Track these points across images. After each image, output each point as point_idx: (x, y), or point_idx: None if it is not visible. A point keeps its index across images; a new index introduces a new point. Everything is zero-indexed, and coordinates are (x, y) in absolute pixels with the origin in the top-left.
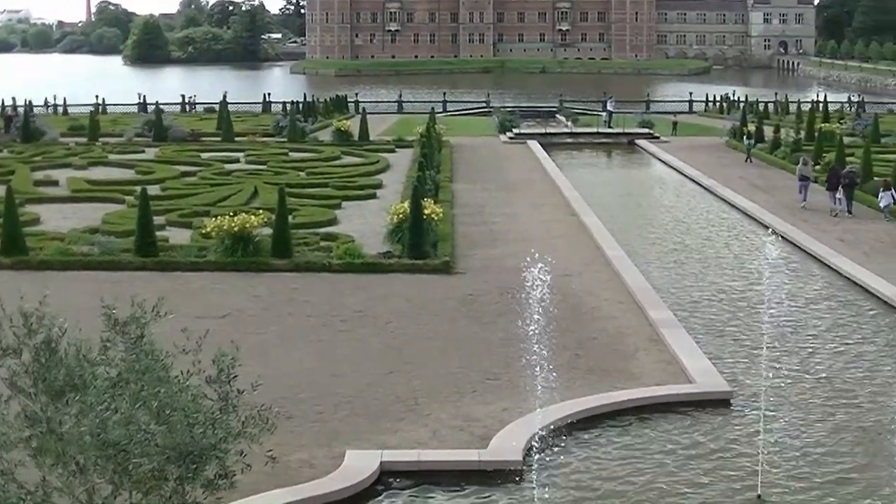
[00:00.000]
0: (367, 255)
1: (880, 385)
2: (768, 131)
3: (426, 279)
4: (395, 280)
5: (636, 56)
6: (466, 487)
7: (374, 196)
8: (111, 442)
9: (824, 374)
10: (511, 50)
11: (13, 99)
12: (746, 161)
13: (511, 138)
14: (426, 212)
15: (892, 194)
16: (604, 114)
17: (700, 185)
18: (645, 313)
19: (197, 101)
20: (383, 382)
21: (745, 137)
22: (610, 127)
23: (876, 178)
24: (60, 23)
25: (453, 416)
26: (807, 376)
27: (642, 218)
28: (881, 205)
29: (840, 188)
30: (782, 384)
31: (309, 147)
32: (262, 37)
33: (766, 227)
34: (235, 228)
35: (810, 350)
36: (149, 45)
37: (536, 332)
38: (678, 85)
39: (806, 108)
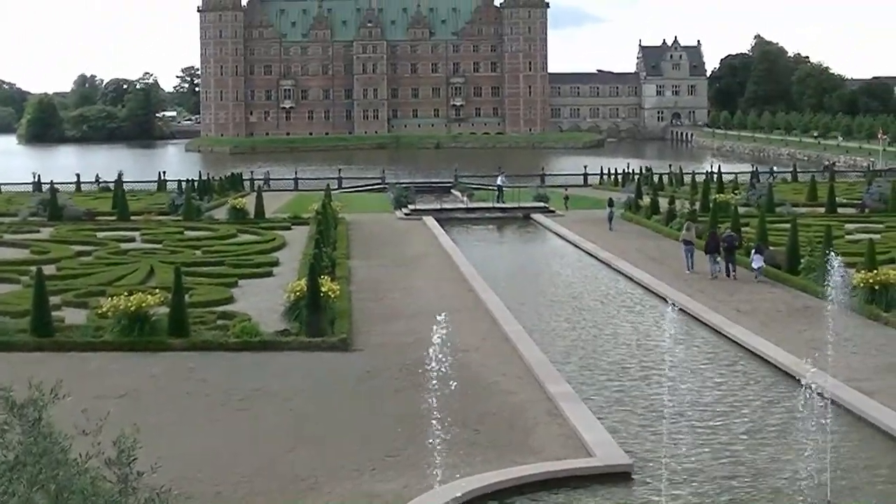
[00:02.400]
0: (265, 333)
1: (781, 454)
2: (663, 203)
3: (324, 356)
4: (293, 358)
5: (530, 130)
6: None
7: (270, 274)
8: None
9: (724, 445)
10: (406, 125)
11: None
12: (609, 230)
13: (407, 214)
14: (323, 289)
15: (763, 256)
16: (494, 188)
17: (596, 258)
18: (543, 387)
19: (106, 181)
20: (283, 460)
21: (607, 205)
22: (501, 202)
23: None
24: None
25: (354, 493)
26: (706, 448)
27: (539, 292)
28: (753, 266)
29: (720, 252)
30: (683, 455)
31: (205, 225)
32: (157, 115)
33: (663, 299)
34: (132, 308)
35: (710, 421)
36: (43, 124)
37: (436, 407)
38: (573, 158)
39: (700, 178)
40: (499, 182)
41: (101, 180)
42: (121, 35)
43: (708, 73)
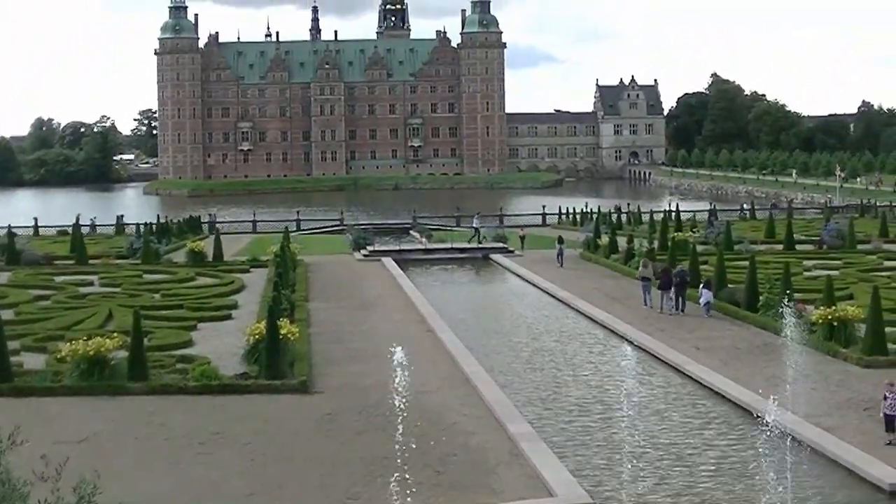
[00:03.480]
0: (224, 376)
1: (742, 492)
2: (622, 242)
3: (284, 399)
4: (253, 401)
5: (488, 170)
6: None
7: (229, 317)
8: None
9: (686, 484)
10: (364, 167)
11: None
12: (560, 266)
13: (366, 256)
14: (282, 331)
15: (711, 292)
16: (473, 230)
17: (555, 297)
18: (504, 427)
19: (95, 223)
20: None
21: (557, 242)
22: (479, 242)
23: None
24: None
25: None
26: (668, 486)
27: (499, 333)
28: (700, 302)
29: (671, 287)
30: (645, 494)
31: (163, 268)
32: (115, 158)
33: (622, 338)
34: (91, 352)
35: (671, 459)
36: (0, 168)
37: (397, 449)
38: (531, 198)
39: (659, 217)
40: (475, 224)
41: (93, 222)
42: (78, 78)
43: (665, 112)
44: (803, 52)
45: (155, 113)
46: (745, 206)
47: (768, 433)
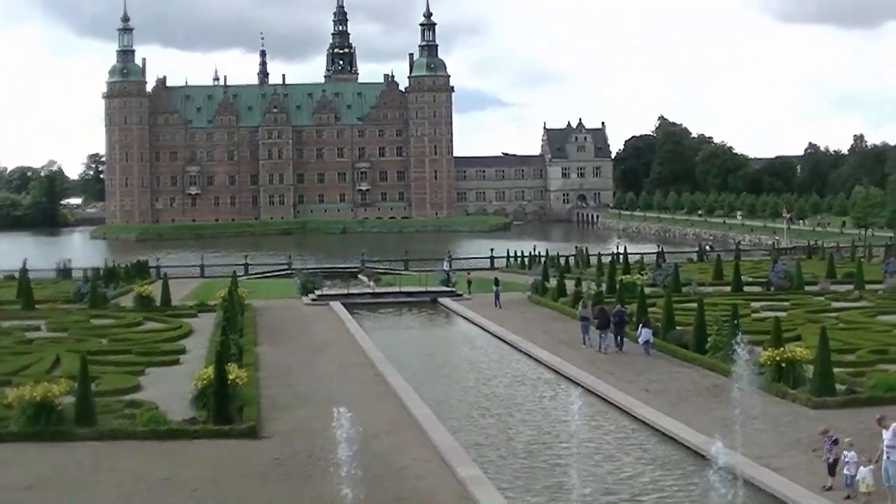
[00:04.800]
0: (173, 421)
1: None
2: (570, 284)
3: (233, 444)
4: (202, 446)
5: (436, 214)
6: None
7: (177, 362)
8: None
9: None
10: (312, 211)
11: None
12: (496, 306)
13: (314, 300)
14: (231, 376)
15: (650, 330)
16: (443, 273)
17: (504, 340)
18: (453, 471)
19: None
20: None
21: (493, 284)
22: (452, 285)
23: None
24: None
25: None
26: None
27: (447, 376)
28: (640, 340)
29: (610, 327)
30: None
31: (111, 313)
32: (62, 202)
33: (571, 381)
34: (37, 398)
35: (622, 502)
36: None
37: (346, 494)
38: (479, 241)
39: (606, 260)
40: (445, 267)
41: (66, 264)
42: (25, 122)
43: (613, 155)
44: (750, 94)
45: (103, 157)
46: (706, 246)
47: (719, 475)
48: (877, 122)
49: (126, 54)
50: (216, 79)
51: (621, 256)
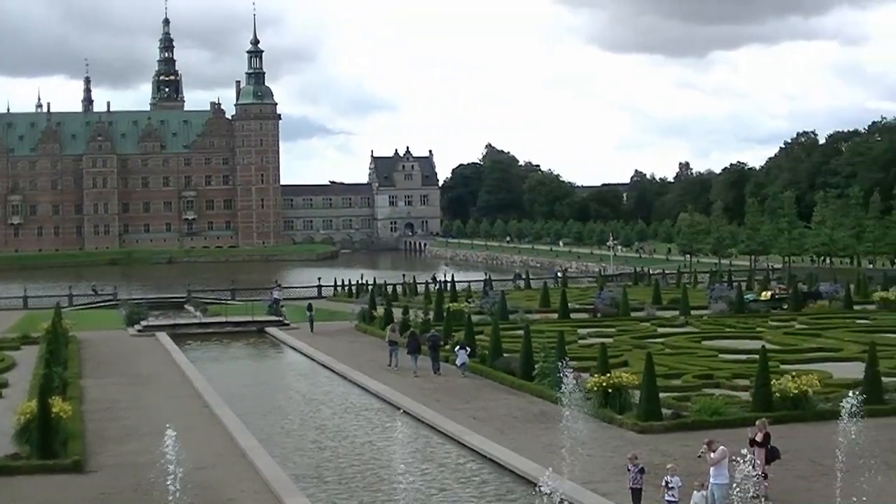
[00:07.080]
0: None
1: None
2: (397, 313)
3: (57, 479)
4: (25, 482)
5: (263, 243)
6: None
7: None
8: None
9: None
10: (137, 240)
11: None
12: (311, 332)
13: (140, 331)
14: (55, 410)
15: (467, 352)
16: (272, 302)
17: (332, 370)
18: (281, 502)
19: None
20: None
21: (307, 310)
22: (280, 315)
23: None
24: None
25: None
26: None
27: (275, 407)
28: (457, 363)
29: (420, 351)
30: None
31: None
32: None
33: (399, 409)
34: None
35: None
36: None
37: None
38: (307, 270)
39: (434, 288)
40: (275, 295)
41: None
42: None
43: (440, 183)
44: (577, 123)
45: None
46: (521, 274)
47: (545, 501)
48: (702, 150)
49: None
50: (39, 106)
51: (448, 284)
